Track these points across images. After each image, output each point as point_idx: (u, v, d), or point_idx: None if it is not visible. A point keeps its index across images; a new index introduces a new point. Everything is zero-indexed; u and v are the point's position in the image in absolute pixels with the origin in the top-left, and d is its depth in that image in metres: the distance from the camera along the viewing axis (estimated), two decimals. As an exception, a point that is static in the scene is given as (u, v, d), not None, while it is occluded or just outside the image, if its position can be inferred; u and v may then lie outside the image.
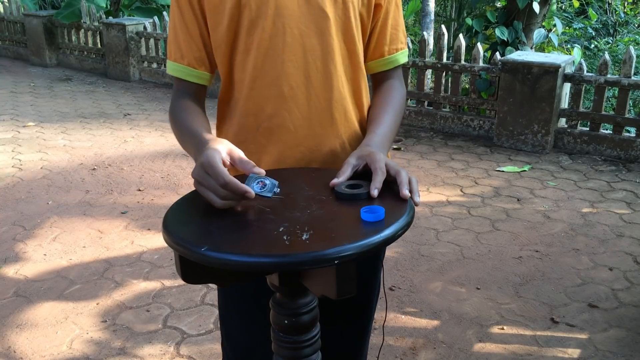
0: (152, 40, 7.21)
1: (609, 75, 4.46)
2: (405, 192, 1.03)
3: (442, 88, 5.28)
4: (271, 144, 1.26)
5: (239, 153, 1.07)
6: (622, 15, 8.71)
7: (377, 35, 1.33)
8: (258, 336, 1.38)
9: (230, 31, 1.22)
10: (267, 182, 1.03)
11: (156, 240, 3.31)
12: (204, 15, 1.24)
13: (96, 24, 7.71)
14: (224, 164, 1.04)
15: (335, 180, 1.09)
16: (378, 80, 1.39)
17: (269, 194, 1.02)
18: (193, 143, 1.17)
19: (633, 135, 4.50)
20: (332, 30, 1.23)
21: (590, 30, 8.45)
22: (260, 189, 1.02)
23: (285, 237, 0.93)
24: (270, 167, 1.25)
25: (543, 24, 6.20)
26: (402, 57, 1.38)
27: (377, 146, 1.18)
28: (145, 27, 7.21)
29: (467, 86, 5.70)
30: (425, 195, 3.93)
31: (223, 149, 1.06)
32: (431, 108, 5.35)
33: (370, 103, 1.37)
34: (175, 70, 1.29)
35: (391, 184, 1.13)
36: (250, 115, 1.26)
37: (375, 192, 1.04)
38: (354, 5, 1.24)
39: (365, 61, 1.35)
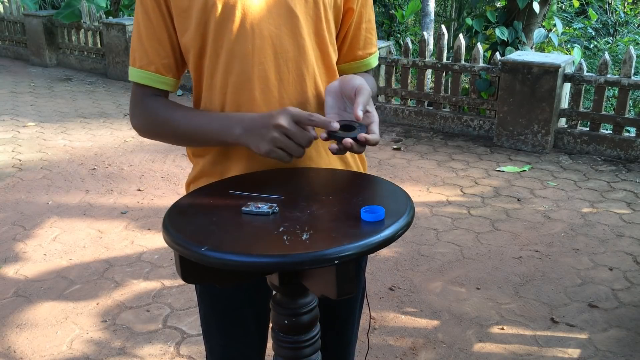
0: (152, 40, 7.21)
1: (609, 75, 4.46)
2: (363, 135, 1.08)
3: (442, 88, 5.28)
4: (244, 150, 1.21)
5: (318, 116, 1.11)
6: (622, 15, 8.71)
7: (351, 39, 1.32)
8: (240, 348, 1.39)
9: (198, 35, 1.18)
10: (265, 206, 1.03)
11: (156, 240, 3.31)
12: (172, 20, 1.21)
13: (96, 24, 7.71)
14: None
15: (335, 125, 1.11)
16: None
17: (267, 210, 1.02)
18: (226, 122, 1.17)
19: (633, 135, 4.50)
20: (304, 31, 1.19)
21: (590, 30, 8.45)
22: (255, 209, 1.02)
23: (285, 237, 0.93)
24: (243, 172, 1.22)
25: (543, 24, 6.20)
26: (375, 60, 1.37)
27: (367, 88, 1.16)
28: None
29: (467, 86, 5.70)
30: (425, 195, 3.93)
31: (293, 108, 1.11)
32: (431, 108, 5.35)
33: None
34: (142, 78, 1.24)
35: (392, 185, 1.13)
36: None
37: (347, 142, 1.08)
38: (325, 7, 1.21)
39: (337, 63, 1.34)
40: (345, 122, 1.11)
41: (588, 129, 4.66)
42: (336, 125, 1.08)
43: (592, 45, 8.08)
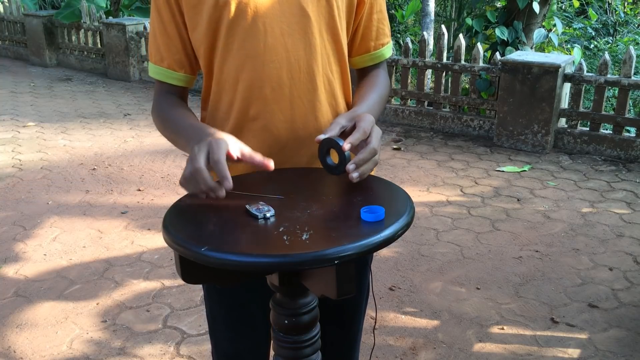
0: (152, 40, 7.22)
1: (609, 75, 4.46)
2: (350, 167, 1.06)
3: (442, 88, 5.28)
4: (253, 147, 1.22)
5: (249, 151, 1.09)
6: (622, 15, 8.71)
7: (363, 30, 1.32)
8: (245, 343, 1.39)
9: (210, 32, 1.19)
10: (266, 208, 1.03)
11: (156, 240, 3.31)
12: (183, 16, 1.22)
13: (96, 24, 7.71)
14: (229, 154, 1.05)
15: (320, 136, 1.10)
16: (363, 72, 1.38)
17: (259, 215, 1.01)
18: (190, 134, 1.16)
19: (633, 135, 4.50)
20: (315, 30, 1.20)
21: (590, 30, 8.45)
22: (255, 210, 1.02)
23: (285, 237, 0.93)
24: (245, 171, 1.23)
25: (543, 24, 6.20)
26: (388, 51, 1.38)
27: (366, 111, 1.18)
28: (145, 27, 7.22)
29: (467, 86, 5.70)
30: (425, 195, 3.93)
31: (235, 143, 1.08)
32: (431, 108, 5.35)
33: (356, 88, 1.36)
34: (156, 73, 1.28)
35: (392, 185, 1.13)
36: (234, 117, 1.24)
37: (347, 146, 1.06)
38: (338, 4, 1.22)
39: (350, 56, 1.34)
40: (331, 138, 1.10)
41: (588, 129, 4.66)
42: (270, 165, 1.07)
43: (592, 45, 8.08)
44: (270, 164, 1.07)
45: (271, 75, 1.19)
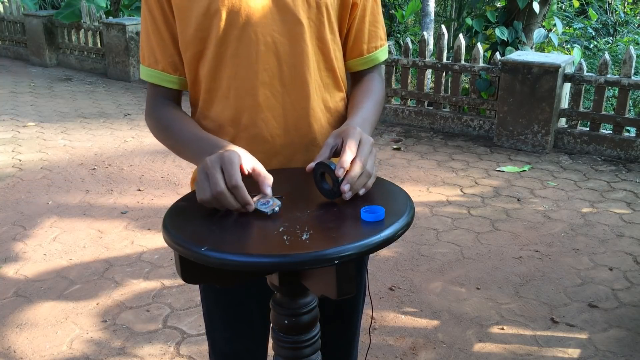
0: (152, 40, 7.21)
1: (609, 75, 4.46)
2: (344, 187, 1.01)
3: (442, 88, 5.28)
4: (249, 148, 1.19)
5: (261, 169, 1.05)
6: (622, 15, 8.71)
7: (355, 33, 1.30)
8: (243, 342, 1.38)
9: (197, 40, 1.18)
10: (271, 201, 1.02)
11: (156, 240, 3.31)
12: (174, 17, 1.21)
13: (96, 24, 7.71)
14: (242, 169, 1.02)
15: (310, 164, 1.06)
16: (357, 77, 1.36)
17: (268, 211, 1.00)
18: (199, 147, 1.14)
19: (633, 135, 4.50)
20: (307, 37, 1.20)
21: (590, 30, 8.45)
22: (262, 205, 1.01)
23: (285, 237, 0.93)
24: None
25: (543, 24, 6.20)
26: (382, 54, 1.35)
27: (356, 124, 1.15)
28: (145, 27, 7.22)
29: (467, 86, 5.70)
30: (426, 195, 3.93)
31: (248, 157, 1.05)
32: (431, 108, 5.35)
33: (349, 95, 1.34)
34: (150, 76, 1.26)
35: (392, 185, 1.13)
36: (227, 125, 1.23)
37: (339, 172, 1.01)
38: (328, 9, 1.21)
39: (344, 60, 1.33)
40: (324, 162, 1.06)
41: (588, 129, 4.66)
42: (264, 194, 1.02)
43: (592, 45, 8.08)
44: (267, 190, 1.02)
45: (264, 82, 1.19)
